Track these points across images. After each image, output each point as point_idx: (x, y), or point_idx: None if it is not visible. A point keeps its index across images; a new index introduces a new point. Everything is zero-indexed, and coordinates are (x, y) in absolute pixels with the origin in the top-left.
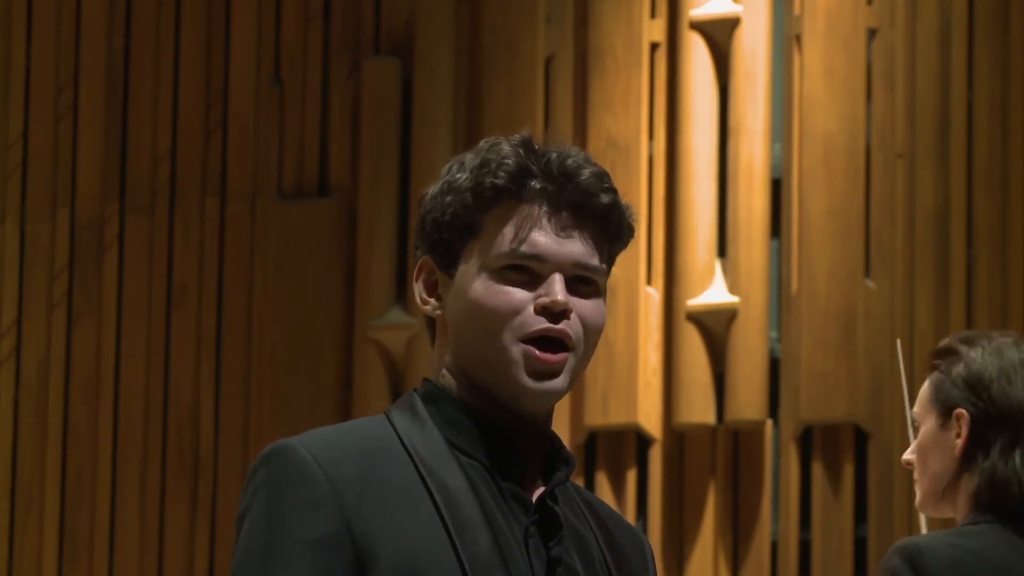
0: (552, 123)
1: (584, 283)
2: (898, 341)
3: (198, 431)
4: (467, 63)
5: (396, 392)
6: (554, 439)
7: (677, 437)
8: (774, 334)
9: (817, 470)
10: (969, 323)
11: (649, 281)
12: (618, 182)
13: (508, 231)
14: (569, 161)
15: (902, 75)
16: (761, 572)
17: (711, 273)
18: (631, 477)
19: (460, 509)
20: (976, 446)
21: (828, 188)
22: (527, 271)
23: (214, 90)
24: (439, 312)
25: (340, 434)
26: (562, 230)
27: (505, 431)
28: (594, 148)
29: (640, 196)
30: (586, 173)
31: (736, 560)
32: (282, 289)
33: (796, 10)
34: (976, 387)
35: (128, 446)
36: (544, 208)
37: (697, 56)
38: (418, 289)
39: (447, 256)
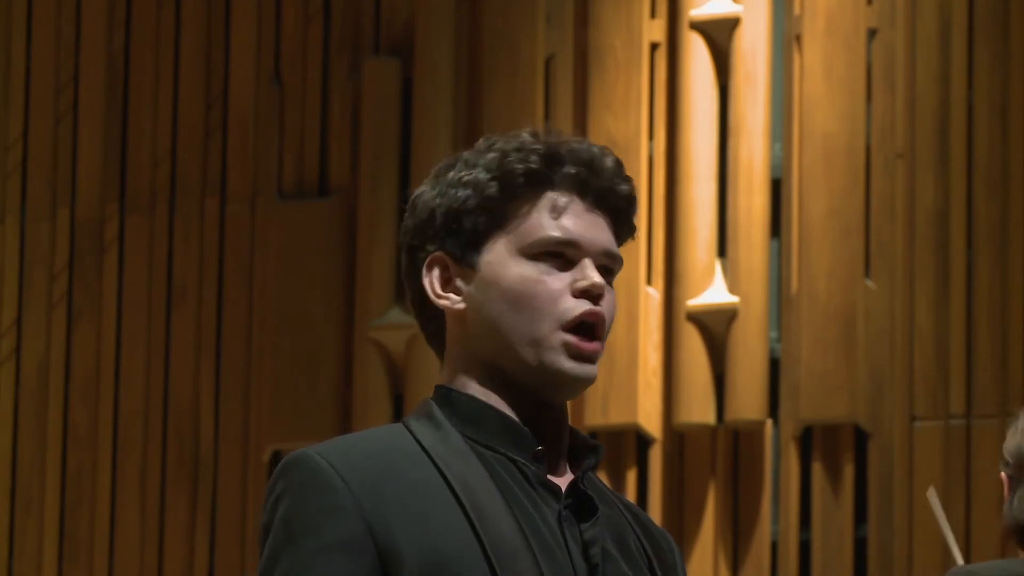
0: (552, 123)
1: (606, 272)
2: (932, 489)
3: (198, 431)
4: (467, 63)
5: (396, 392)
6: (573, 429)
7: (677, 437)
8: (774, 334)
9: (817, 470)
10: (969, 323)
11: (649, 281)
12: None
13: (543, 218)
14: (595, 150)
15: (902, 75)
16: (761, 572)
17: (711, 273)
18: (631, 477)
19: (480, 498)
20: (1011, 500)
21: (828, 188)
22: (560, 257)
23: (214, 90)
24: (460, 307)
25: (356, 441)
26: (591, 217)
27: (526, 423)
28: None
29: (640, 196)
30: (609, 161)
31: (736, 560)
32: (282, 289)
33: (796, 10)
34: (1006, 450)
35: (128, 446)
36: (574, 195)
37: (697, 56)
38: (429, 285)
39: (468, 247)
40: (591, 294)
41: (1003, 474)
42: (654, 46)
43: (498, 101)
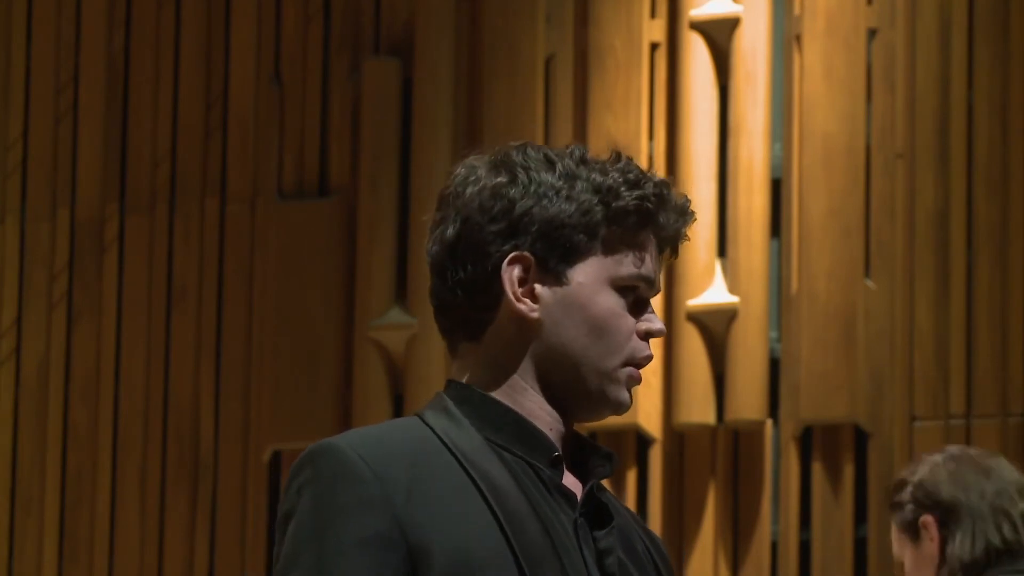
0: (552, 123)
1: None
2: None
3: (198, 431)
4: (467, 63)
5: (396, 392)
6: (582, 436)
7: (677, 437)
8: (774, 334)
9: (817, 470)
10: (969, 323)
11: None
12: None
13: (637, 254)
14: (685, 202)
15: (902, 75)
16: (761, 572)
17: (711, 273)
18: (631, 477)
19: (508, 501)
20: (944, 543)
21: (828, 188)
22: (635, 291)
23: (214, 90)
24: (535, 315)
25: (380, 433)
26: (658, 258)
27: (544, 429)
28: (594, 148)
29: None
30: (690, 217)
31: (736, 560)
32: (282, 289)
33: (796, 10)
34: (923, 495)
35: (128, 446)
36: (659, 238)
37: (697, 56)
38: (510, 283)
39: (562, 260)
40: (651, 337)
41: (925, 518)
42: (654, 46)
43: (498, 101)
